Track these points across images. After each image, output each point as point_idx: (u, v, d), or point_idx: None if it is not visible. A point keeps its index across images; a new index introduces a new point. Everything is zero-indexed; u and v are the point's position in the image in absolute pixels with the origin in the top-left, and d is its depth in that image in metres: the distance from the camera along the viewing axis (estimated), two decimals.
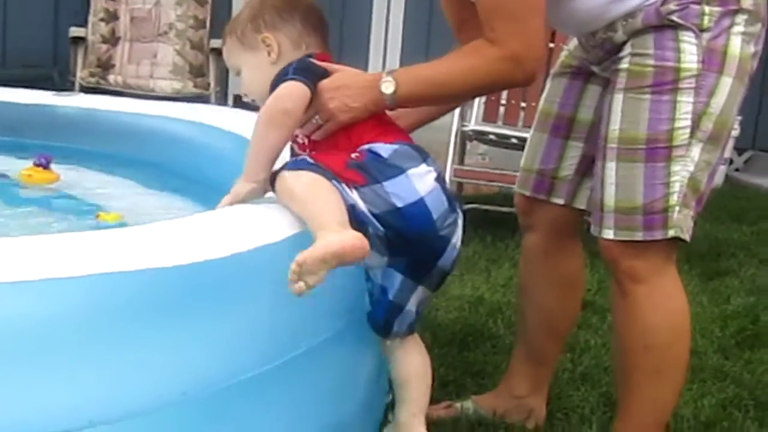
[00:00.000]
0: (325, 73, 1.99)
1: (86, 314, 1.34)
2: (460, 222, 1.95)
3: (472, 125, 4.75)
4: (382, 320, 1.97)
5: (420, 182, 1.84)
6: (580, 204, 2.32)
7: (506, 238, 4.23)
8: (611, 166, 2.05)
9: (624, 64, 2.04)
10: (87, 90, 5.07)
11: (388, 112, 2.04)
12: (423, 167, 1.86)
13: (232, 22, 2.13)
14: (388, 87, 1.96)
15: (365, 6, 6.11)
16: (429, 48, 5.52)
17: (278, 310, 1.62)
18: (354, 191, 1.80)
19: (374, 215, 1.81)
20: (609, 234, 2.07)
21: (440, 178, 1.89)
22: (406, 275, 1.94)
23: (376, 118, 1.98)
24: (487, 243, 4.27)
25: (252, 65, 2.07)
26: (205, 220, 1.69)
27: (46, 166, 3.09)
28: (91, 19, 5.47)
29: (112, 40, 5.50)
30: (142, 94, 5.17)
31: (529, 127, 2.45)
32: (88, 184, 3.14)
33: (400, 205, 1.82)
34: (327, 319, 1.81)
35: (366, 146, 1.89)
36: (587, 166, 2.25)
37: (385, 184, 1.82)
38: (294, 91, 1.91)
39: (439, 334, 3.00)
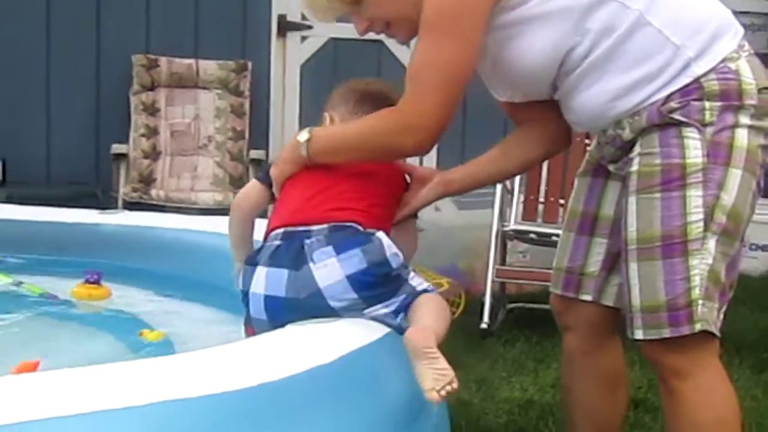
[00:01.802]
0: None
1: None
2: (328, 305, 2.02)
3: (511, 225, 4.76)
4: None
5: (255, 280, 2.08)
6: (608, 300, 2.32)
7: (553, 337, 4.17)
8: (633, 267, 2.06)
9: (634, 166, 2.07)
10: (130, 205, 5.13)
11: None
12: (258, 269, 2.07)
13: None
14: (303, 135, 2.20)
15: None
16: (464, 147, 5.55)
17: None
18: None
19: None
20: (639, 334, 2.08)
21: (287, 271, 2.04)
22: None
23: (297, 199, 2.18)
24: (532, 343, 4.23)
25: None
26: (259, 343, 1.71)
27: (97, 282, 3.15)
28: (132, 135, 5.57)
29: (153, 154, 5.59)
30: (185, 207, 5.23)
31: None
32: (132, 301, 3.17)
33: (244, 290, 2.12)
34: None
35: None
36: (612, 262, 2.26)
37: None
38: (246, 190, 2.38)
39: None
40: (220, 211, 5.13)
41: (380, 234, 2.07)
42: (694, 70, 2.01)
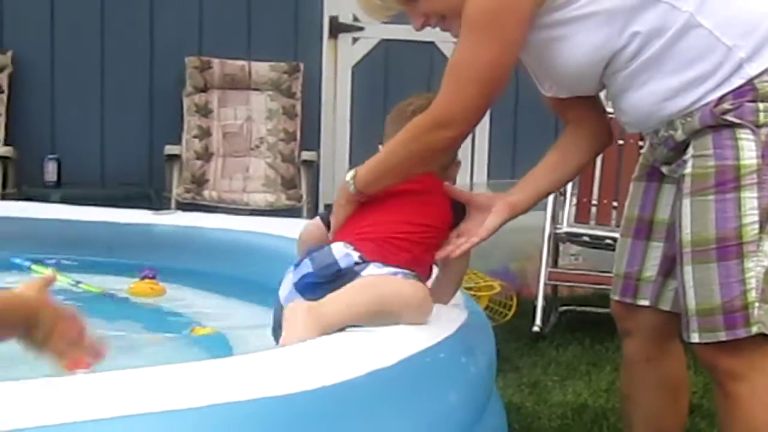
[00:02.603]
0: None
1: None
2: None
3: (564, 227, 4.71)
4: None
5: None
6: (665, 305, 2.29)
7: (606, 341, 4.15)
8: (688, 270, 2.04)
9: (688, 168, 2.05)
10: (183, 206, 5.17)
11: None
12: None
13: None
14: (349, 174, 2.20)
15: None
16: (515, 164, 5.54)
17: None
18: None
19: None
20: (695, 338, 2.06)
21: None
22: None
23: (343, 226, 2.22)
24: (586, 346, 4.19)
25: None
26: (319, 346, 1.71)
27: (153, 279, 3.19)
28: (185, 136, 5.61)
29: (206, 156, 5.63)
30: (237, 208, 5.25)
31: None
32: (186, 300, 3.19)
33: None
34: None
35: None
36: (669, 266, 2.23)
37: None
38: (309, 228, 2.42)
39: None
40: (272, 212, 5.15)
41: (334, 244, 2.12)
42: (747, 71, 1.99)
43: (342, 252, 2.08)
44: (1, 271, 3.29)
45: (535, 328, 4.36)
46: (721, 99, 2.00)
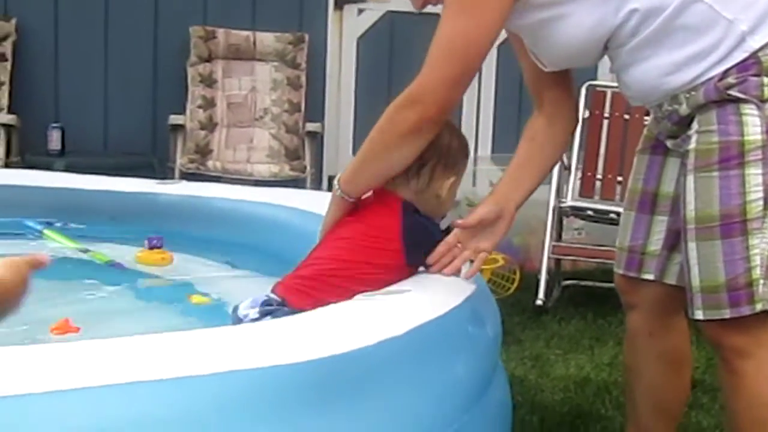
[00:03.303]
0: None
1: (211, 413, 1.33)
2: None
3: (569, 201, 4.71)
4: None
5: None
6: (670, 279, 2.28)
7: (609, 315, 4.16)
8: (692, 247, 2.03)
9: (692, 144, 2.03)
10: (186, 176, 5.16)
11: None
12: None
13: None
14: (336, 177, 2.17)
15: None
16: (519, 137, 5.51)
17: (401, 405, 1.60)
18: None
19: None
20: (699, 315, 2.05)
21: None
22: None
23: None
24: (588, 320, 4.20)
25: None
26: (328, 315, 1.71)
27: (159, 247, 3.20)
28: (189, 106, 5.60)
29: (210, 126, 5.61)
30: (241, 178, 5.25)
31: None
32: (191, 268, 3.20)
33: None
34: (452, 411, 1.79)
35: None
36: (674, 240, 2.22)
37: None
38: None
39: (547, 417, 2.95)
40: (276, 183, 5.15)
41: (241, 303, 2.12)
42: (750, 44, 1.97)
43: (246, 308, 2.09)
44: (13, 234, 3.33)
45: (538, 302, 4.36)
46: (725, 73, 1.98)
